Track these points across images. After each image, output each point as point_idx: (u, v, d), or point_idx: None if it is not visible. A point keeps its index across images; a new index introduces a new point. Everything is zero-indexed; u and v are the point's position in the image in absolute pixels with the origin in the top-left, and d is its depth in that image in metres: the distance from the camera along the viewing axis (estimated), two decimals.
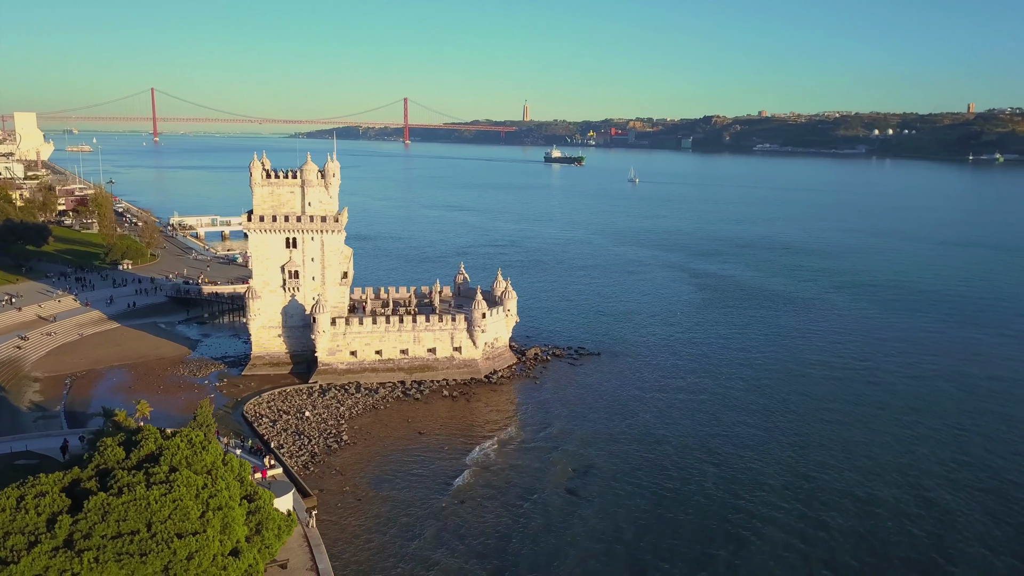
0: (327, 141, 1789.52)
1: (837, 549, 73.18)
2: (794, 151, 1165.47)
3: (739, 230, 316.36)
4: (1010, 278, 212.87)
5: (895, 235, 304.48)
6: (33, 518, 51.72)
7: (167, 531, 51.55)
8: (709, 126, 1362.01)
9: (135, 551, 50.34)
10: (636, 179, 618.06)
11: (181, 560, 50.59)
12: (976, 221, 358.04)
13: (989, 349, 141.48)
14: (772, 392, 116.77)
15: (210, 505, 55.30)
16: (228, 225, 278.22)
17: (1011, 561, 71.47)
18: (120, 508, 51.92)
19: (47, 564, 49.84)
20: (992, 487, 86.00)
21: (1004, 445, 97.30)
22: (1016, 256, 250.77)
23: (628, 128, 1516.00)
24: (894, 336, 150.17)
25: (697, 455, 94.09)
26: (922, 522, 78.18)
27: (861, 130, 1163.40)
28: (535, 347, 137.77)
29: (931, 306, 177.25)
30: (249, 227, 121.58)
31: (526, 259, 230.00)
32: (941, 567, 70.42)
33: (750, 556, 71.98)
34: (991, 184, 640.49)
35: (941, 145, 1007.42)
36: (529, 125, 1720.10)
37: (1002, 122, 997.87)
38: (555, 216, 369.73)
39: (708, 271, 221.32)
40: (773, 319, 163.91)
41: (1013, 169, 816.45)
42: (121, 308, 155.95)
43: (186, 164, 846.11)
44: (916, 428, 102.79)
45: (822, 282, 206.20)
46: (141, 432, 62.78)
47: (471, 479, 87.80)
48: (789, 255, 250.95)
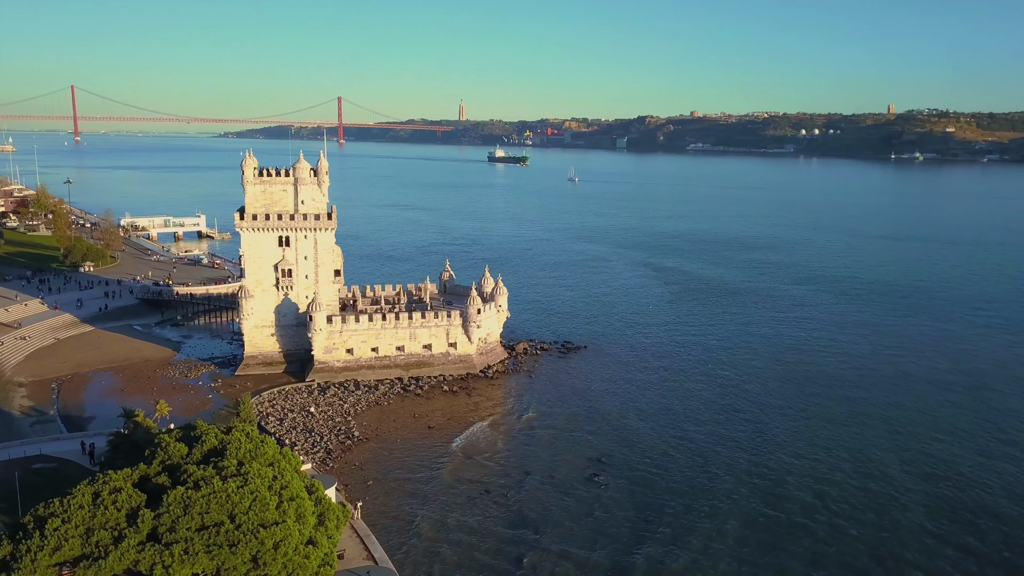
0: (258, 141, 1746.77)
1: (791, 512, 78.17)
2: (726, 150, 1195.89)
3: (690, 227, 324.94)
4: (949, 269, 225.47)
5: (836, 230, 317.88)
6: (114, 513, 51.92)
7: (251, 522, 52.38)
8: (643, 126, 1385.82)
9: (223, 542, 51.06)
10: (576, 178, 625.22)
11: (269, 550, 51.53)
12: (908, 216, 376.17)
13: (938, 333, 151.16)
14: (750, 377, 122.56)
15: (283, 496, 56.29)
16: (182, 226, 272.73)
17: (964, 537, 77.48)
18: (201, 501, 52.52)
19: (136, 558, 50.22)
20: (932, 455, 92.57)
21: (958, 419, 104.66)
22: (951, 248, 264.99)
23: (564, 128, 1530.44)
24: (854, 324, 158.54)
25: (702, 437, 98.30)
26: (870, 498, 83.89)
27: (789, 130, 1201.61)
28: (522, 342, 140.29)
29: (882, 296, 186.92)
30: (242, 225, 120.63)
31: (492, 257, 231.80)
32: (890, 547, 75.05)
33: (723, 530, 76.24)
34: (914, 182, 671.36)
35: (865, 144, 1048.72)
36: (465, 125, 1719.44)
37: (920, 122, 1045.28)
38: (510, 215, 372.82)
39: (670, 266, 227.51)
40: (740, 311, 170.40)
41: (932, 167, 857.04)
42: (92, 311, 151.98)
43: (116, 164, 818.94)
44: (891, 410, 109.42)
45: (778, 275, 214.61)
46: (196, 428, 63.11)
47: (490, 468, 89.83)
48: (743, 251, 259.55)
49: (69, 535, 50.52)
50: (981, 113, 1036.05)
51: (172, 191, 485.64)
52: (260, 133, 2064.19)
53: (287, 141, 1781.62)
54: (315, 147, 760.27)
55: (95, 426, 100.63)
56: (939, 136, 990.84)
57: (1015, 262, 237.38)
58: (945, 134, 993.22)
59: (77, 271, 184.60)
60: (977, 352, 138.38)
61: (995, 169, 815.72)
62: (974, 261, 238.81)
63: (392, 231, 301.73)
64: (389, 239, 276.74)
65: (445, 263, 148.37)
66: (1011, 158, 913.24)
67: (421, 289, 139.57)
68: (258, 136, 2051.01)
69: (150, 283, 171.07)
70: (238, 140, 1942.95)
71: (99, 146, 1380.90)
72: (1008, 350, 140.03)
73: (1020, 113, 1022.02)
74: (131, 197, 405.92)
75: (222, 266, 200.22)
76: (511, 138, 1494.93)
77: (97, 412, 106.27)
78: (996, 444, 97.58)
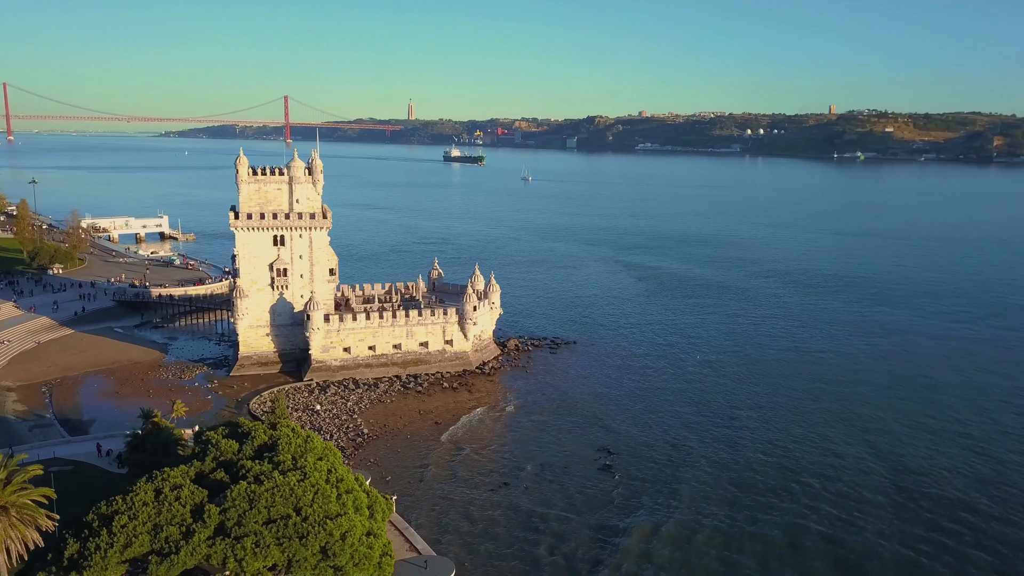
0: (201, 140, 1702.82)
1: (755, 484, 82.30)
2: (674, 150, 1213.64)
3: (651, 225, 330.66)
4: (905, 262, 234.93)
5: (792, 226, 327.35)
6: (179, 509, 52.29)
7: (316, 514, 53.22)
8: (593, 126, 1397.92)
9: (292, 534, 51.84)
10: (529, 177, 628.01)
11: (337, 540, 52.46)
12: (859, 213, 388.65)
13: (901, 324, 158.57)
14: (732, 367, 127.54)
15: (340, 489, 57.19)
16: (144, 227, 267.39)
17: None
18: (266, 495, 53.16)
19: (207, 552, 50.67)
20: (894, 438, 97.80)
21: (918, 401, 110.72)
22: (904, 244, 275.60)
23: (514, 128, 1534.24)
24: (819, 316, 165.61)
25: (703, 427, 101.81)
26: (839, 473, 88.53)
27: (735, 130, 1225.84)
28: (512, 339, 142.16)
29: (845, 289, 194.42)
30: (237, 225, 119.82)
31: (464, 256, 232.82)
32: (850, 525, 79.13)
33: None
34: (858, 180, 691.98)
35: (808, 144, 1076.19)
36: (415, 124, 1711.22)
37: (861, 123, 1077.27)
38: (474, 214, 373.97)
39: (640, 263, 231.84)
40: (713, 304, 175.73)
41: (873, 166, 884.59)
42: (69, 314, 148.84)
43: (57, 165, 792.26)
44: (866, 396, 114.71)
45: (743, 271, 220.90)
46: (242, 425, 63.51)
47: (504, 461, 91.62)
48: (706, 247, 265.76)
49: (137, 531, 50.70)
50: (918, 114, 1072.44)
51: (124, 191, 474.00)
52: (203, 132, 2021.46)
53: (232, 141, 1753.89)
54: (262, 147, 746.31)
55: (96, 429, 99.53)
56: (879, 136, 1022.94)
57: (966, 256, 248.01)
58: (884, 134, 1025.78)
59: (45, 273, 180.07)
60: (935, 341, 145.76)
61: (932, 168, 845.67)
62: (928, 256, 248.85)
63: (358, 231, 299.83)
64: (358, 239, 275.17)
65: (434, 261, 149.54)
66: (946, 157, 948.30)
67: (410, 287, 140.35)
68: (201, 136, 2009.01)
69: (126, 285, 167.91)
70: (180, 140, 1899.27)
71: (34, 146, 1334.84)
72: (962, 340, 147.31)
73: (954, 114, 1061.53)
74: (83, 198, 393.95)
75: (196, 267, 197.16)
76: (461, 138, 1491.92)
77: (96, 415, 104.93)
78: (953, 434, 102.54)
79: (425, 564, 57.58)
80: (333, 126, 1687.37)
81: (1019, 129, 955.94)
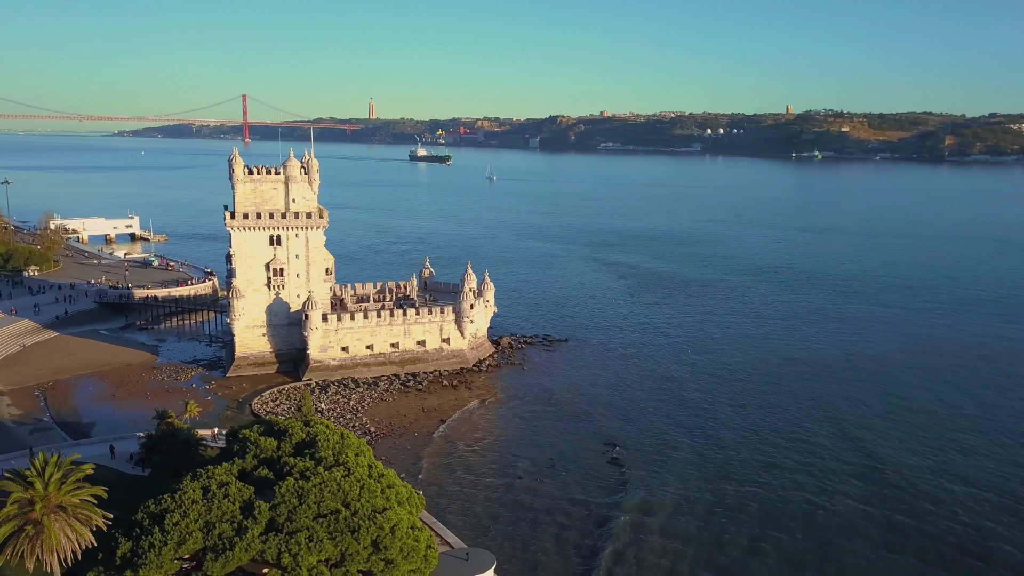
0: (156, 140, 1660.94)
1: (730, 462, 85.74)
2: (635, 150, 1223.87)
3: (624, 224, 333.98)
4: (873, 258, 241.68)
5: (760, 224, 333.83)
6: (229, 506, 52.65)
7: (365, 508, 54.01)
8: (555, 125, 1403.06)
9: (344, 528, 52.50)
10: (494, 177, 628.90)
11: (387, 534, 53.31)
12: (821, 211, 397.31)
13: (876, 318, 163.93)
14: (717, 358, 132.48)
15: (382, 483, 57.96)
16: (115, 229, 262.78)
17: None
18: (315, 491, 53.78)
19: (261, 548, 51.11)
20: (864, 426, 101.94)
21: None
22: (872, 240, 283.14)
23: (477, 127, 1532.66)
24: (798, 310, 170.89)
25: (693, 419, 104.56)
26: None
27: (695, 129, 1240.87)
28: (504, 336, 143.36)
29: (820, 284, 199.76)
30: (233, 225, 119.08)
31: (445, 255, 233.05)
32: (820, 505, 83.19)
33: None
34: (817, 179, 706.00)
35: (767, 143, 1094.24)
36: (376, 123, 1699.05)
37: (818, 122, 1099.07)
38: (447, 213, 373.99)
39: (618, 261, 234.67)
40: (695, 301, 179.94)
41: (830, 165, 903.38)
42: (52, 316, 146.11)
43: (9, 164, 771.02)
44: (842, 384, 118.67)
45: (718, 267, 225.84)
46: (277, 423, 63.83)
47: (515, 456, 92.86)
48: (681, 245, 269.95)
49: (190, 529, 50.94)
50: (872, 114, 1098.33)
51: (84, 192, 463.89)
52: (158, 132, 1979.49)
53: (188, 140, 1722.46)
54: (219, 146, 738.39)
55: (98, 431, 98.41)
56: (835, 135, 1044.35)
57: (928, 252, 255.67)
58: (841, 133, 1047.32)
59: (21, 276, 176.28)
60: (910, 332, 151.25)
61: (887, 167, 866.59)
62: (891, 252, 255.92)
63: (331, 231, 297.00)
64: (332, 239, 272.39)
65: (425, 261, 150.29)
66: (900, 156, 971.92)
67: (402, 287, 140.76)
68: (156, 135, 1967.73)
69: (107, 287, 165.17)
70: (135, 139, 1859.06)
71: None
72: (936, 330, 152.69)
73: (907, 114, 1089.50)
74: (45, 199, 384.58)
75: (176, 268, 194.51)
76: (423, 137, 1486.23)
77: (96, 418, 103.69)
78: (914, 415, 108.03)
79: (467, 556, 58.58)
80: (293, 125, 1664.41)
81: (969, 129, 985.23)
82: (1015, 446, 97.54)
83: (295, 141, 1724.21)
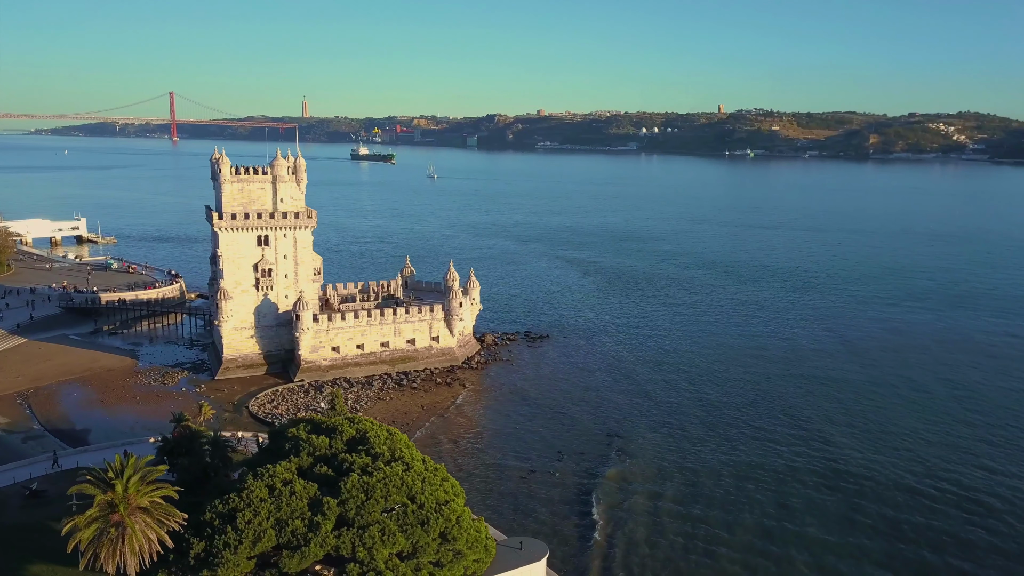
0: (77, 138, 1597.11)
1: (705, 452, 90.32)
2: (572, 148, 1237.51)
3: (574, 221, 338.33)
4: (824, 251, 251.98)
5: (706, 221, 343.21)
6: (297, 503, 53.11)
7: (430, 501, 55.15)
8: (493, 124, 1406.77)
9: (413, 521, 53.58)
10: (435, 175, 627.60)
11: (454, 525, 54.60)
12: (762, 207, 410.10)
13: (827, 309, 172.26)
14: (693, 349, 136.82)
15: (438, 476, 59.17)
16: (60, 231, 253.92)
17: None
18: (380, 486, 54.68)
19: (336, 544, 51.81)
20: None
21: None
22: (817, 235, 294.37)
23: (414, 126, 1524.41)
24: (755, 301, 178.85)
25: (690, 407, 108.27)
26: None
27: (631, 128, 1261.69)
28: (487, 334, 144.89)
29: (775, 278, 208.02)
30: (220, 225, 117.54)
31: (412, 254, 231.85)
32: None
33: None
34: (752, 176, 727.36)
35: (701, 142, 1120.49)
36: (309, 121, 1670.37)
37: (749, 121, 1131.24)
38: (397, 212, 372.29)
39: (578, 258, 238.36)
40: (661, 295, 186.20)
41: (763, 163, 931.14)
42: (15, 322, 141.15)
43: None
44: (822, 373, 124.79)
45: (674, 262, 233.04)
46: (323, 422, 64.27)
47: (522, 450, 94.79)
48: (635, 242, 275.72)
49: (263, 527, 51.28)
50: (801, 113, 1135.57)
51: (18, 193, 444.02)
52: (79, 130, 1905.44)
53: (112, 139, 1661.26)
54: (146, 145, 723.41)
55: (95, 438, 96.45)
56: (766, 134, 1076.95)
57: (872, 246, 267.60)
58: (771, 132, 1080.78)
59: None
60: (864, 323, 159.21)
61: (816, 164, 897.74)
62: (836, 246, 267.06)
63: None
64: None
65: (406, 259, 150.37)
66: (828, 154, 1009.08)
67: (384, 286, 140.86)
68: (77, 133, 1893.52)
69: (71, 291, 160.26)
70: (55, 138, 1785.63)
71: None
72: (880, 322, 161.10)
73: (833, 113, 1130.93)
74: None
75: (137, 271, 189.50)
76: (359, 135, 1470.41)
77: (89, 424, 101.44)
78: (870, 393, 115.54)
79: (520, 545, 60.20)
80: (223, 123, 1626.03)
81: (891, 128, 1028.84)
82: (948, 425, 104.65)
83: (226, 140, 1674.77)
